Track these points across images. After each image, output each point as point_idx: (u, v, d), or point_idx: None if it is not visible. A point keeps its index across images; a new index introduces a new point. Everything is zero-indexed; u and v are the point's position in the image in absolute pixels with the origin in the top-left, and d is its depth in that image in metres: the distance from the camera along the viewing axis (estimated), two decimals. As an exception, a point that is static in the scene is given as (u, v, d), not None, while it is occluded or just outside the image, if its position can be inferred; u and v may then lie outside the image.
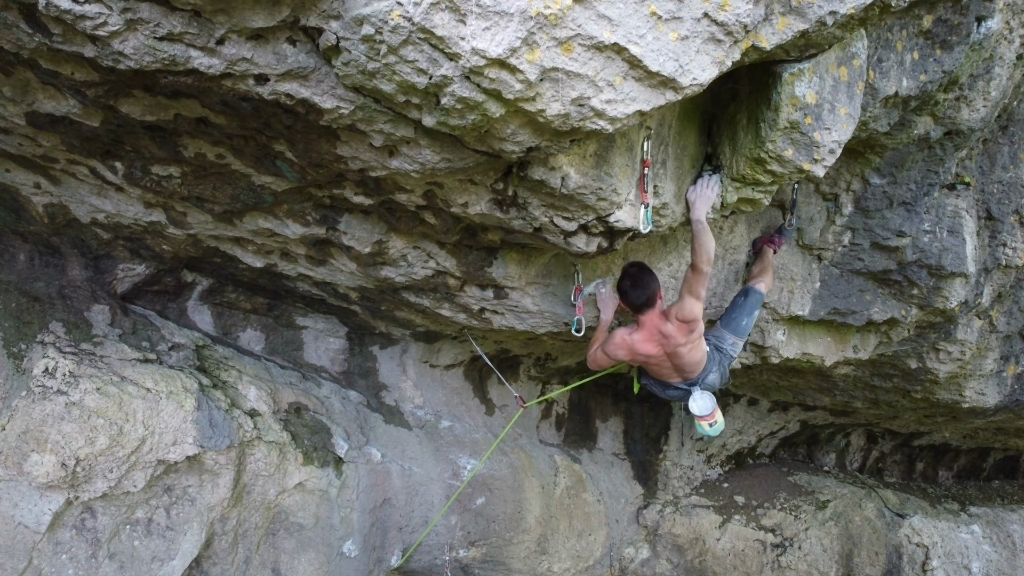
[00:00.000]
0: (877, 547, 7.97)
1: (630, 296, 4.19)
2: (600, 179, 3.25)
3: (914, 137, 4.39)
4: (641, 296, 4.17)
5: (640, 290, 4.16)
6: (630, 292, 4.18)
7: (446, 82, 2.50)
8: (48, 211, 4.46)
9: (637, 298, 4.18)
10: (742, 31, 2.71)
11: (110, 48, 2.55)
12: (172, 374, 4.92)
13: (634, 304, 4.21)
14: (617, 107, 2.65)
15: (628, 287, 4.18)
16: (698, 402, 4.68)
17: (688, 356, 4.41)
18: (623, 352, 4.45)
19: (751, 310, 4.76)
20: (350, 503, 5.79)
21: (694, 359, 4.47)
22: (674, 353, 4.38)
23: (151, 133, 3.36)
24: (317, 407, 5.90)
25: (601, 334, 4.63)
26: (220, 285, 5.56)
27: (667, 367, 4.53)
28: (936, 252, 5.14)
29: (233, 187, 3.83)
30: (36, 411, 4.38)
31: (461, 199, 3.53)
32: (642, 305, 4.20)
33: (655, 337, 4.32)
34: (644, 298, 4.17)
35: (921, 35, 3.82)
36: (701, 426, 4.79)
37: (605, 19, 2.45)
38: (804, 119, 3.46)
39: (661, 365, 4.52)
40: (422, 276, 4.57)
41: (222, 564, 5.10)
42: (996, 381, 6.64)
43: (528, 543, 7.00)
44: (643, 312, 4.24)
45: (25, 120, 3.38)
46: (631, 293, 4.18)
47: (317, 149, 3.15)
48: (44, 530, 4.38)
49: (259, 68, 2.65)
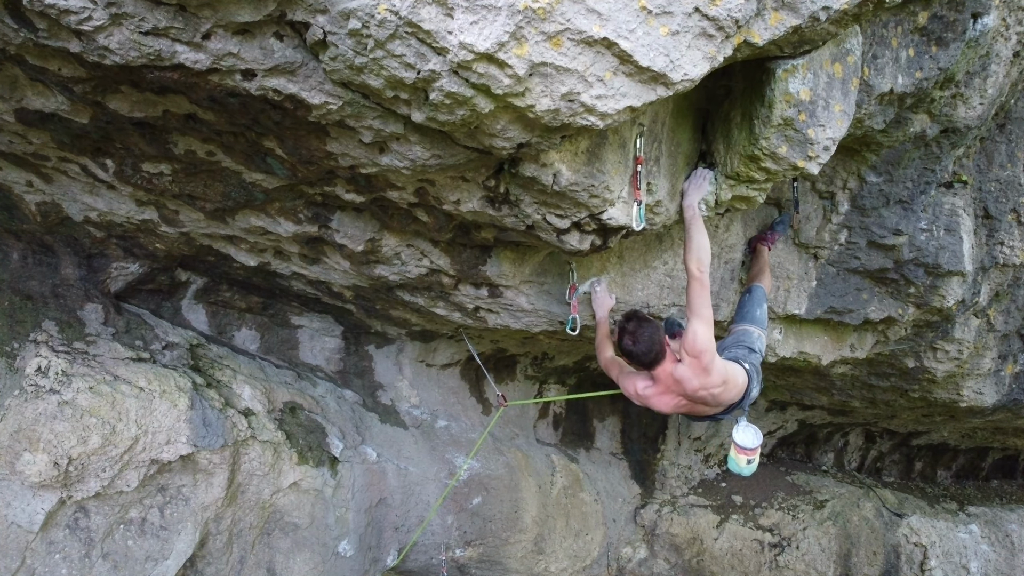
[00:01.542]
0: (875, 547, 7.95)
1: (636, 357, 3.76)
2: (592, 176, 3.23)
3: (910, 135, 4.37)
4: (648, 353, 3.73)
5: (643, 346, 3.71)
6: (634, 352, 3.74)
7: (434, 77, 2.48)
8: (41, 209, 4.45)
9: (644, 356, 3.74)
10: (733, 26, 2.69)
11: (95, 43, 2.53)
12: (165, 373, 4.91)
13: (644, 363, 3.79)
14: (607, 102, 2.63)
15: (631, 346, 3.73)
16: (743, 433, 4.14)
17: (718, 394, 3.89)
18: (640, 402, 4.07)
19: (759, 302, 4.56)
20: (345, 503, 5.77)
21: (728, 395, 3.95)
22: (696, 397, 3.87)
23: (140, 130, 3.34)
24: (312, 406, 5.88)
25: (603, 340, 4.32)
26: (214, 284, 5.55)
27: (701, 408, 4.02)
28: (933, 251, 5.12)
29: (224, 184, 3.81)
30: (29, 410, 4.36)
31: (453, 196, 3.51)
32: (652, 362, 3.77)
33: (671, 389, 3.86)
34: (652, 354, 3.73)
35: (916, 32, 3.80)
36: (737, 460, 4.21)
37: (594, 13, 2.43)
38: (798, 116, 3.43)
39: (693, 411, 4.06)
40: (416, 274, 4.55)
41: (217, 564, 5.09)
42: (994, 380, 6.63)
43: (525, 543, 6.98)
44: (655, 367, 3.81)
45: (14, 117, 3.36)
46: (636, 353, 3.74)
47: (307, 146, 3.14)
48: (37, 529, 4.36)
49: (246, 63, 2.63)
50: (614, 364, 4.19)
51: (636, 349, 3.71)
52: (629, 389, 4.03)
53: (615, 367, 4.17)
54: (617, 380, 4.14)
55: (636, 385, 3.97)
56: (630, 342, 3.72)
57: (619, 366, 4.16)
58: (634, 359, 3.80)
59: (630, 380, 4.01)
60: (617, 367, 4.16)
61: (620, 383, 4.10)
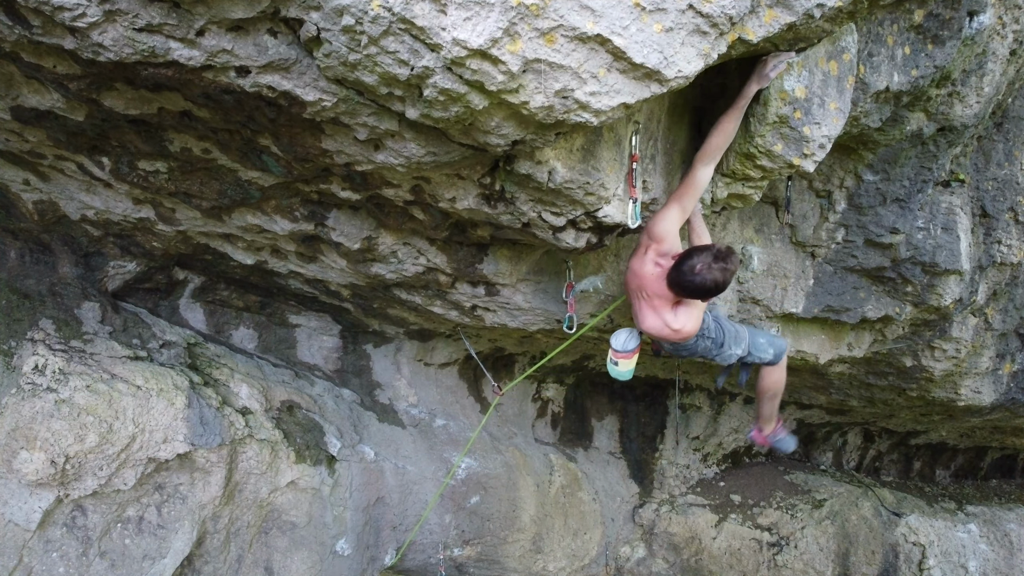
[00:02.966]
0: (874, 546, 7.95)
1: (695, 285, 3.53)
2: (587, 173, 3.23)
3: (907, 133, 4.37)
4: (701, 290, 3.56)
5: (713, 278, 3.51)
6: (700, 281, 3.51)
7: (428, 73, 2.48)
8: (38, 208, 4.45)
9: (697, 288, 3.55)
10: (728, 23, 2.69)
11: (89, 40, 2.54)
12: (163, 372, 4.91)
13: (688, 290, 3.60)
14: (601, 99, 2.63)
15: (708, 273, 3.49)
16: (623, 335, 4.20)
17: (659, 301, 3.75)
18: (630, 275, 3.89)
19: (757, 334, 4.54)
20: (343, 502, 5.77)
21: (676, 319, 3.79)
22: (648, 291, 3.75)
23: (136, 127, 3.35)
24: (310, 405, 5.89)
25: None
26: (212, 283, 5.55)
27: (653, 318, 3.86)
28: (930, 249, 5.12)
29: (220, 182, 3.81)
30: (26, 408, 4.37)
31: (449, 194, 3.51)
32: (690, 290, 3.59)
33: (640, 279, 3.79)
34: (703, 291, 3.57)
35: (912, 29, 3.80)
36: (609, 361, 4.29)
37: (588, 10, 2.43)
38: (793, 113, 3.44)
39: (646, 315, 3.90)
40: (413, 273, 4.55)
41: (214, 563, 5.09)
42: (992, 379, 6.62)
43: (523, 542, 6.98)
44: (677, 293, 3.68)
45: (10, 115, 3.37)
46: (699, 283, 3.52)
47: (302, 143, 3.14)
48: (34, 528, 4.36)
49: (240, 60, 2.63)
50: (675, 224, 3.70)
51: (702, 279, 3.46)
52: (646, 252, 3.74)
53: (674, 225, 3.69)
54: (683, 195, 3.65)
55: (652, 262, 3.70)
56: (714, 268, 3.45)
57: (693, 196, 3.67)
58: (680, 282, 3.54)
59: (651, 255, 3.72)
60: (677, 211, 3.67)
61: (659, 233, 3.69)
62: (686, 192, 3.61)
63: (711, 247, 3.50)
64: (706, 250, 3.49)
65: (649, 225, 3.68)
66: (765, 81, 3.30)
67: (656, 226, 3.65)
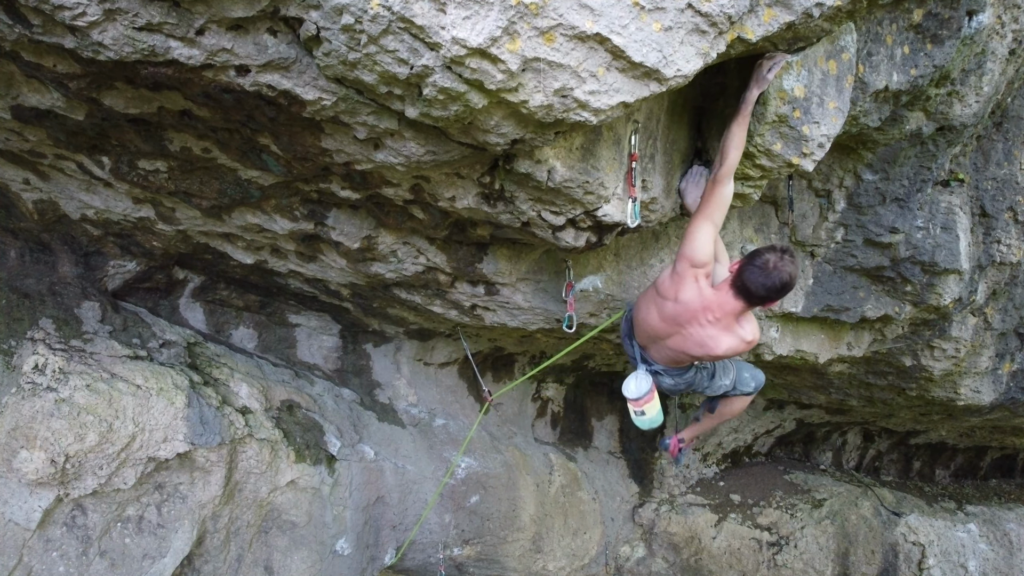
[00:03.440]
0: (873, 545, 7.95)
1: (761, 287, 3.34)
2: (587, 172, 3.23)
3: (906, 133, 4.37)
4: (773, 289, 3.36)
5: (780, 278, 3.32)
6: (766, 282, 3.33)
7: (427, 72, 2.48)
8: (38, 207, 4.46)
9: (766, 290, 3.35)
10: (727, 22, 2.70)
11: (89, 39, 2.54)
12: (162, 371, 4.91)
13: (753, 296, 3.41)
14: (601, 98, 2.64)
15: (769, 271, 3.31)
16: (631, 382, 3.97)
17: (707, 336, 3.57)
18: (659, 288, 3.68)
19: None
20: (343, 501, 5.78)
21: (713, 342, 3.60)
22: (687, 323, 3.56)
23: (136, 126, 3.35)
24: (310, 405, 5.89)
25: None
26: (212, 282, 5.56)
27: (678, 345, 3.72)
28: (930, 249, 5.13)
29: (220, 182, 3.82)
30: (25, 408, 4.37)
31: (448, 193, 3.51)
32: (758, 298, 3.41)
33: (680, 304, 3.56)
34: (772, 293, 3.38)
35: (911, 29, 3.80)
36: (631, 411, 4.07)
37: (587, 9, 2.43)
38: (792, 113, 3.44)
39: (669, 343, 3.77)
40: (412, 272, 4.55)
41: (214, 562, 5.09)
42: (991, 379, 6.62)
43: (523, 541, 6.98)
44: (749, 303, 3.48)
45: (10, 114, 3.37)
46: (765, 284, 3.33)
47: (301, 142, 3.14)
48: (34, 527, 4.36)
49: (240, 59, 2.63)
50: (710, 230, 3.52)
51: (779, 275, 3.26)
52: (684, 266, 3.52)
53: (710, 232, 3.51)
54: (707, 209, 3.51)
55: (689, 275, 3.49)
56: (771, 267, 3.26)
57: (721, 209, 3.52)
58: (754, 286, 3.34)
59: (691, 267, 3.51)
60: (709, 226, 3.51)
61: (694, 241, 3.50)
62: (716, 208, 3.47)
63: (769, 247, 3.38)
64: (766, 250, 3.35)
65: (687, 255, 3.50)
66: (765, 83, 3.30)
67: (696, 253, 3.47)
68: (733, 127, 3.40)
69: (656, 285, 3.73)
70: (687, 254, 3.51)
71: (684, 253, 3.52)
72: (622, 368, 7.67)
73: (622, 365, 7.57)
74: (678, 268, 3.57)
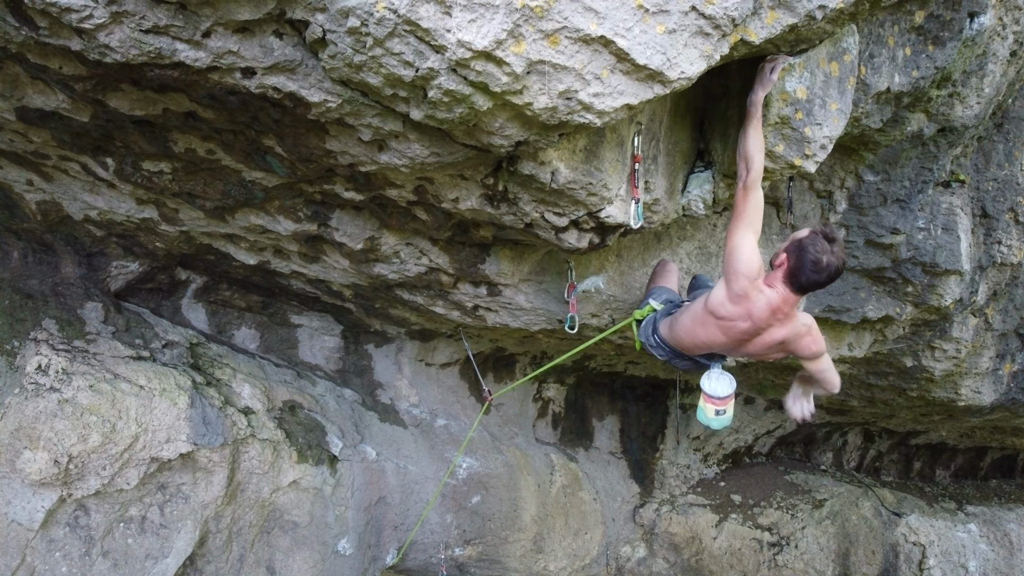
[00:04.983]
0: (874, 546, 7.96)
1: (812, 273, 3.19)
2: (590, 174, 3.24)
3: (907, 134, 4.38)
4: (824, 275, 3.21)
5: (834, 264, 3.19)
6: (818, 267, 3.17)
7: (432, 75, 2.49)
8: (41, 208, 4.46)
9: (819, 277, 3.21)
10: (730, 25, 2.70)
11: (96, 41, 2.55)
12: (165, 371, 4.92)
13: (804, 284, 3.27)
14: (605, 100, 2.65)
15: (820, 257, 3.16)
16: (714, 381, 3.83)
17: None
18: (709, 309, 3.49)
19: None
20: (345, 501, 5.79)
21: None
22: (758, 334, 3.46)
23: (140, 128, 3.36)
24: (312, 405, 5.90)
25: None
26: (214, 283, 5.56)
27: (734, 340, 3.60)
28: (931, 249, 5.14)
29: (224, 183, 3.82)
30: (29, 408, 4.38)
31: (452, 194, 3.52)
32: (810, 285, 3.28)
33: (750, 315, 3.41)
34: (824, 279, 3.24)
35: (913, 31, 3.81)
36: (705, 411, 3.89)
37: (591, 12, 2.44)
38: (795, 114, 3.45)
39: (722, 349, 3.67)
40: (415, 273, 4.56)
41: (216, 562, 5.10)
42: (992, 379, 6.64)
43: (524, 542, 6.99)
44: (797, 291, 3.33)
45: (15, 116, 3.37)
46: (818, 270, 3.17)
47: (306, 144, 3.15)
48: (37, 527, 4.37)
49: (246, 61, 2.64)
50: (750, 227, 3.38)
51: (830, 265, 3.14)
52: (736, 279, 3.34)
53: (750, 230, 3.37)
54: (743, 219, 3.36)
55: (737, 286, 3.32)
56: (822, 254, 3.13)
57: (756, 215, 3.38)
58: (810, 283, 3.22)
59: (742, 272, 3.33)
60: (751, 235, 3.36)
61: (736, 250, 3.35)
62: (755, 215, 3.33)
63: (811, 235, 3.24)
64: (811, 239, 3.22)
65: (743, 272, 3.32)
66: (769, 85, 3.29)
67: (752, 266, 3.31)
68: (749, 131, 3.34)
69: (710, 310, 3.50)
70: (743, 271, 3.31)
71: (739, 270, 3.32)
72: (623, 369, 7.68)
73: (623, 365, 7.58)
74: (737, 288, 3.35)
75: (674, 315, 3.85)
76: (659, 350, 4.02)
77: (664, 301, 4.02)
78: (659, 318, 3.98)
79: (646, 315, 4.05)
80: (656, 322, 3.99)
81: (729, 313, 3.44)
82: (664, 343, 3.94)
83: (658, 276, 4.30)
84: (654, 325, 4.00)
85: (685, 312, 3.75)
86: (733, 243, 3.34)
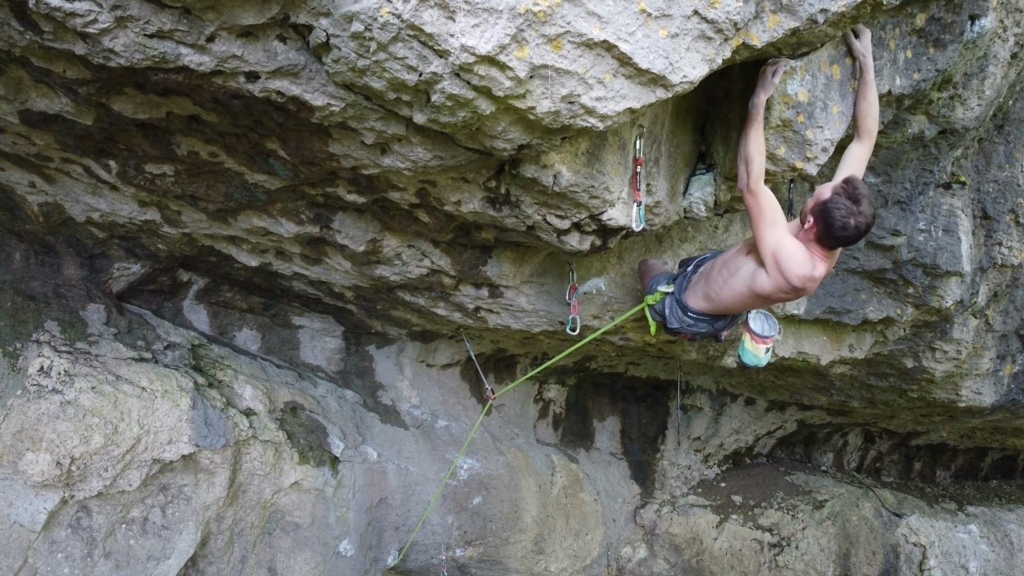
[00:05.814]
0: (874, 546, 7.97)
1: (846, 229, 3.18)
2: (592, 177, 3.25)
3: (908, 136, 4.39)
4: (857, 231, 3.22)
5: (867, 214, 3.19)
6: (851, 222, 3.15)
7: (436, 79, 2.50)
8: (43, 210, 4.47)
9: (853, 232, 3.21)
10: (732, 29, 2.71)
11: (100, 45, 2.56)
12: (167, 373, 4.93)
13: (838, 238, 3.25)
14: (607, 104, 2.65)
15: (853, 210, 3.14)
16: (761, 321, 3.92)
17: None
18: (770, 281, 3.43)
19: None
20: (346, 502, 5.79)
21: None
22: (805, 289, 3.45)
23: (144, 131, 3.37)
24: (313, 406, 5.91)
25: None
26: (216, 284, 5.57)
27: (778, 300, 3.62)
28: (931, 251, 5.14)
29: (226, 185, 3.83)
30: (31, 410, 4.38)
31: (454, 197, 3.53)
32: (844, 240, 3.27)
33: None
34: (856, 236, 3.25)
35: (914, 33, 3.82)
36: (755, 351, 3.98)
37: (594, 16, 2.45)
38: (796, 117, 3.46)
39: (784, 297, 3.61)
40: (417, 275, 4.57)
41: (218, 563, 5.11)
42: (992, 380, 6.64)
43: (525, 542, 7.00)
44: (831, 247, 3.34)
45: (18, 118, 3.38)
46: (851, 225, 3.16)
47: (309, 147, 3.16)
48: (39, 529, 4.38)
49: (249, 65, 2.65)
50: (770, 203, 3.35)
51: (857, 227, 3.15)
52: (785, 252, 3.31)
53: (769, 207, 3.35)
54: (763, 220, 3.36)
55: (795, 257, 3.30)
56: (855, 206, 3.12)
57: (774, 211, 3.36)
58: (833, 238, 3.23)
59: (783, 238, 3.33)
60: (781, 230, 3.36)
61: (765, 231, 3.35)
62: (770, 212, 3.35)
63: (833, 197, 3.21)
64: (834, 203, 3.19)
65: (791, 272, 3.32)
66: (771, 88, 3.30)
67: (802, 266, 3.32)
68: (750, 133, 3.35)
69: (763, 295, 3.53)
70: (798, 272, 3.32)
71: (795, 272, 3.32)
72: (623, 369, 7.68)
73: (623, 366, 7.59)
74: (798, 283, 3.37)
75: (696, 285, 3.88)
76: (699, 325, 4.03)
77: (669, 281, 4.10)
78: (681, 297, 3.99)
79: (658, 300, 4.12)
80: (681, 302, 4.00)
81: (787, 295, 3.50)
82: (702, 315, 3.95)
83: (647, 273, 4.42)
84: (681, 307, 4.01)
85: (718, 285, 3.71)
86: (770, 245, 3.34)
